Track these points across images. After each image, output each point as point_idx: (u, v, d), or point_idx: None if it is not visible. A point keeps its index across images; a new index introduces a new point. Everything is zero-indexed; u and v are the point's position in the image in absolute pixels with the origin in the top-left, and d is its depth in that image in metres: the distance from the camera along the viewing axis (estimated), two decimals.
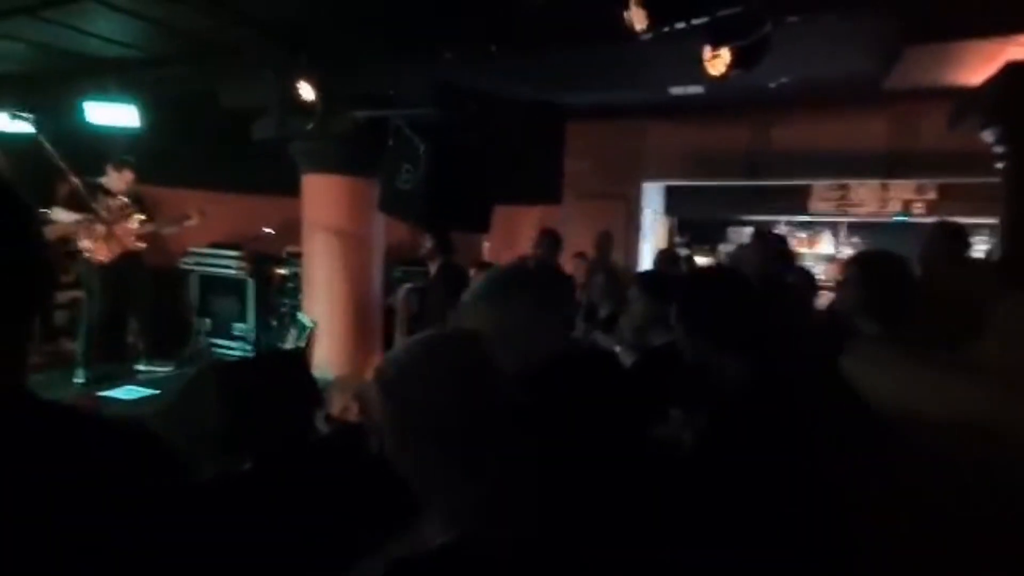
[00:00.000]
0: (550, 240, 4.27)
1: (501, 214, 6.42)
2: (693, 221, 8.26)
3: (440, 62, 3.88)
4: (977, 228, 5.65)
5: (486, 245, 6.64)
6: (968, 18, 2.63)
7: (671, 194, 7.78)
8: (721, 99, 5.45)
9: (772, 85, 4.91)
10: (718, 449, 1.30)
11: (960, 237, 2.98)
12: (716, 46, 2.33)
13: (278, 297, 5.29)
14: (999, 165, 3.30)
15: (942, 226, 3.06)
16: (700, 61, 2.93)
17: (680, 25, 2.09)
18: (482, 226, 4.38)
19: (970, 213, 5.43)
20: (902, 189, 6.85)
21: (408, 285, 5.44)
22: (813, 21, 2.73)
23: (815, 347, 2.12)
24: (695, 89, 5.20)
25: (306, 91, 3.91)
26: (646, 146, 6.78)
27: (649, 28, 2.06)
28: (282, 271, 5.37)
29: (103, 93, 4.43)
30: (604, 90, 5.08)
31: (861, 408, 1.43)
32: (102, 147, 4.65)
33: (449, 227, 4.13)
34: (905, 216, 6.97)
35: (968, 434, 1.00)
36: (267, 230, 5.56)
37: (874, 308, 1.97)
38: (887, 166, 5.90)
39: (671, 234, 8.22)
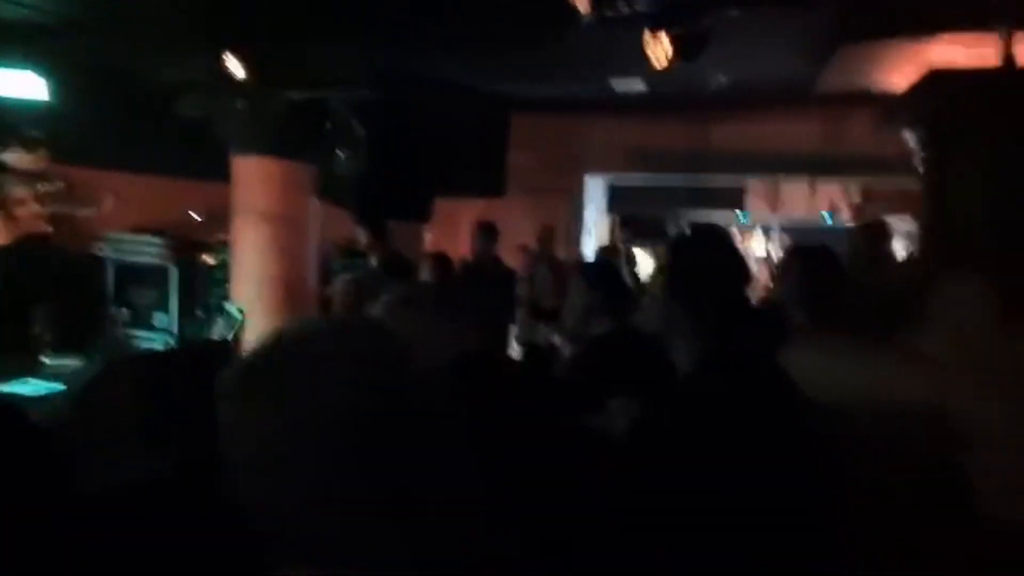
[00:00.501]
0: (486, 232, 4.20)
1: (444, 207, 6.33)
2: (635, 217, 8.39)
3: (381, 44, 3.75)
4: (901, 228, 5.97)
5: (427, 237, 6.51)
6: (896, 17, 2.73)
7: (614, 190, 7.88)
8: (663, 96, 5.53)
9: (712, 85, 5.02)
10: (664, 435, 1.25)
11: (883, 237, 3.12)
12: (655, 30, 2.32)
13: (205, 286, 5.00)
14: (920, 168, 3.48)
15: (866, 227, 3.20)
16: (643, 54, 2.93)
17: (624, 9, 2.06)
18: (422, 216, 4.28)
19: (893, 213, 5.73)
20: (828, 190, 7.19)
21: (346, 275, 5.25)
22: (753, 16, 2.77)
23: (755, 338, 2.13)
24: (638, 86, 5.26)
25: (236, 67, 3.69)
26: (590, 141, 6.82)
27: (592, 11, 2.02)
28: (209, 259, 5.07)
29: (4, 60, 4.05)
30: (547, 80, 5.06)
31: (799, 398, 1.43)
32: (4, 119, 4.25)
33: (388, 216, 4.00)
34: (831, 215, 7.32)
35: (908, 422, 1.01)
36: (194, 215, 5.24)
37: (808, 299, 2.01)
38: (815, 166, 6.16)
39: (613, 229, 8.32)
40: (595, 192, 7.58)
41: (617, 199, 7.96)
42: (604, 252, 4.65)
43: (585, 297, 2.38)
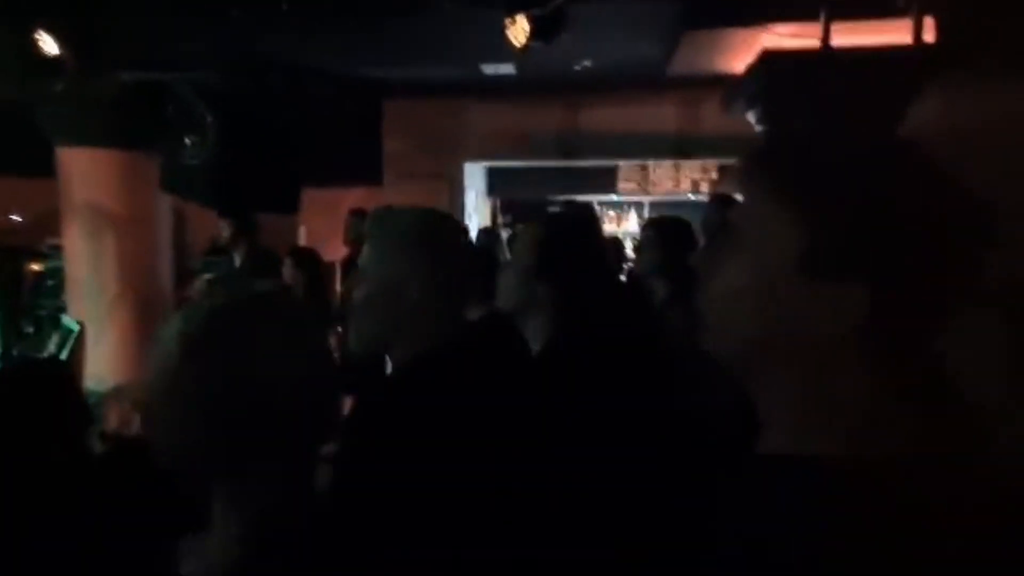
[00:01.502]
0: (360, 221, 4.03)
1: (321, 198, 6.01)
2: (515, 201, 8.49)
3: (227, 22, 3.43)
4: None
5: (303, 230, 6.17)
6: (732, 7, 2.94)
7: (493, 174, 7.91)
8: (533, 80, 5.60)
9: (577, 68, 5.16)
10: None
11: (730, 204, 3.37)
12: (512, 12, 2.32)
13: (33, 298, 4.39)
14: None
15: (717, 197, 3.44)
16: (506, 36, 2.93)
17: None
18: (289, 207, 4.02)
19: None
20: (691, 169, 7.67)
21: (207, 276, 4.84)
22: (604, 1, 2.85)
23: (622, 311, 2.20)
24: (507, 68, 5.28)
25: (48, 44, 3.22)
26: (466, 126, 6.78)
27: None
28: (37, 267, 4.46)
29: None
30: (418, 65, 4.94)
31: (659, 371, 1.47)
32: None
33: (249, 208, 3.71)
34: (694, 195, 7.83)
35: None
36: (14, 217, 4.58)
37: (667, 269, 2.12)
38: (677, 148, 6.55)
39: (494, 214, 8.37)
40: (474, 177, 7.57)
41: (496, 183, 8.02)
42: (485, 234, 4.65)
43: None
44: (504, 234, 6.04)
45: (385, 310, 1.07)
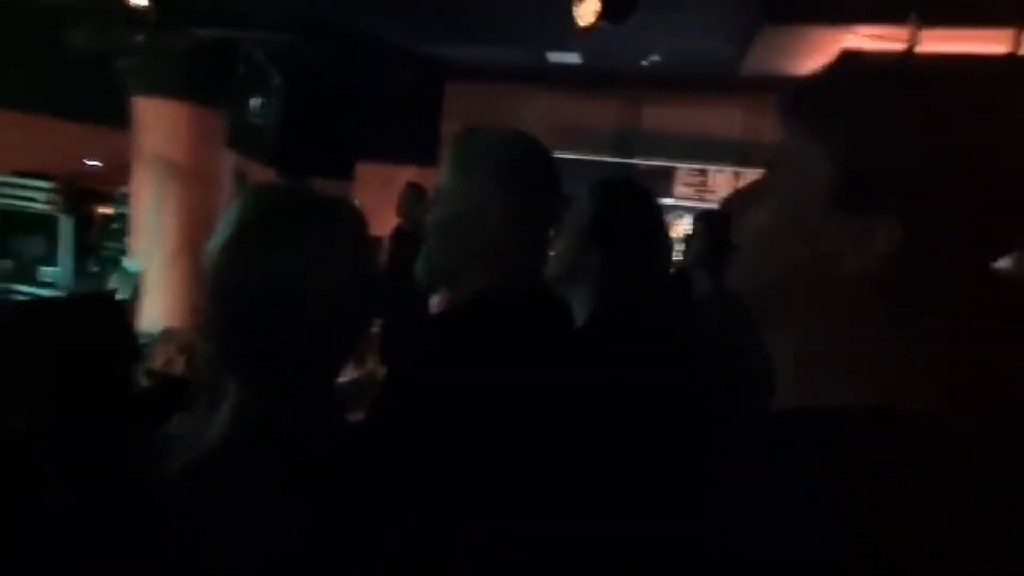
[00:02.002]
0: (414, 195, 4.06)
1: (374, 172, 6.11)
2: (566, 195, 8.41)
3: None
4: None
5: (356, 201, 6.28)
6: (816, 3, 2.81)
7: None
8: (598, 72, 5.52)
9: (644, 63, 5.05)
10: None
11: None
12: None
13: (100, 239, 4.60)
14: None
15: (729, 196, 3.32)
16: (575, 23, 2.87)
17: None
18: (342, 173, 4.08)
19: None
20: (752, 178, 7.44)
21: None
22: None
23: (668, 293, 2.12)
24: (573, 58, 5.23)
25: None
26: (525, 114, 6.75)
27: None
28: (106, 210, 4.67)
29: None
30: (480, 43, 4.93)
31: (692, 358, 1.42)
32: None
33: (304, 172, 3.78)
34: None
35: None
36: (91, 162, 4.81)
37: (710, 261, 2.05)
38: (740, 154, 6.35)
39: None
40: None
41: None
42: None
43: None
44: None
45: (460, 237, 0.98)
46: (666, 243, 1.42)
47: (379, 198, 5.91)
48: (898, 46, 2.85)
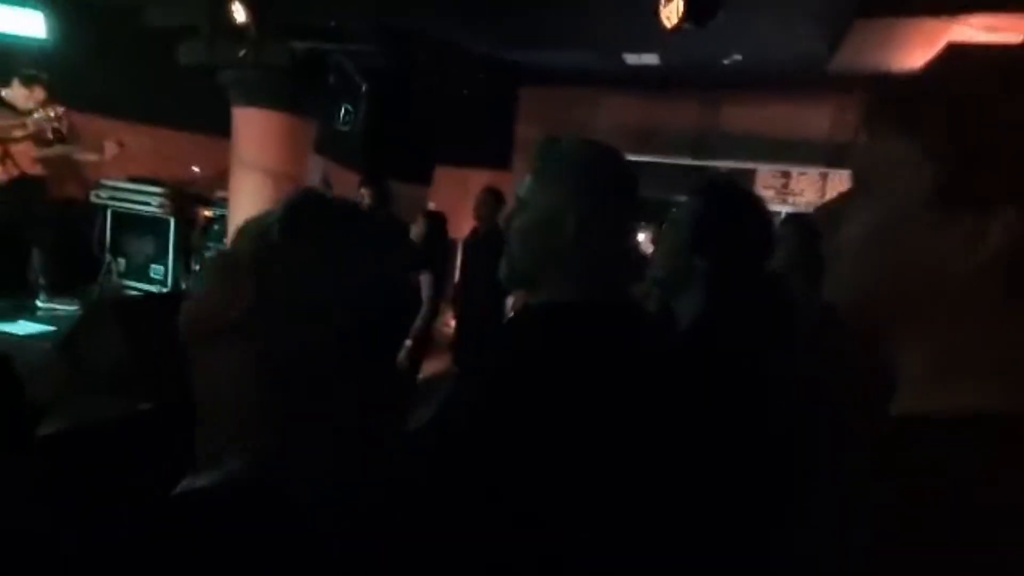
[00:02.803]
0: (492, 199, 4.13)
1: (450, 176, 6.26)
2: (641, 198, 8.28)
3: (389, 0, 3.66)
4: None
5: (431, 205, 6.46)
6: None
7: None
8: (676, 73, 5.41)
9: (725, 61, 4.92)
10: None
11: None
12: None
13: (202, 240, 4.97)
14: None
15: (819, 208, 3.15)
16: (655, 22, 2.85)
17: None
18: (424, 178, 4.21)
19: None
20: (840, 181, 7.07)
21: None
22: None
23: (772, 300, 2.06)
24: (650, 58, 5.16)
25: (240, 13, 3.61)
26: (600, 117, 6.71)
27: None
28: (208, 213, 5.03)
29: None
30: (556, 47, 4.95)
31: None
32: (2, 56, 4.19)
33: (388, 176, 3.93)
34: None
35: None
36: (195, 169, 5.20)
37: (806, 266, 1.96)
38: (828, 155, 6.04)
39: None
40: None
41: None
42: None
43: None
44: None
45: (539, 243, 0.99)
46: (771, 249, 1.37)
47: (454, 201, 6.05)
48: (1012, 37, 2.63)
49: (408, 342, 3.43)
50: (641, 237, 7.23)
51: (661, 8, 2.49)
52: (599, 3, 3.46)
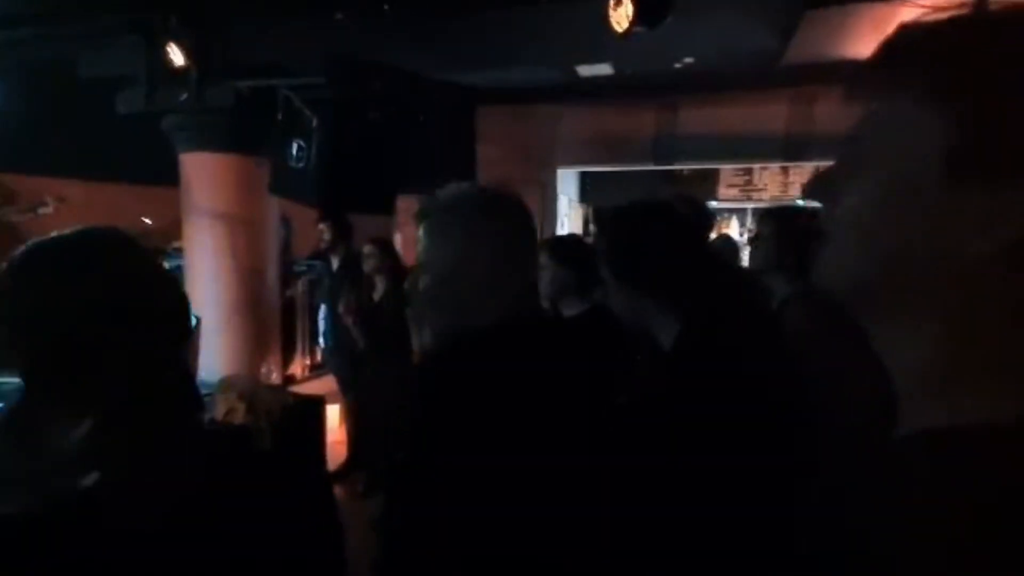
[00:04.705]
0: None
1: (414, 204, 6.17)
2: (608, 208, 8.32)
3: (332, 26, 3.56)
4: None
5: (397, 236, 6.34)
6: None
7: (585, 180, 7.79)
8: (630, 81, 5.42)
9: (677, 65, 4.93)
10: (663, 410, 1.10)
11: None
12: None
13: None
14: None
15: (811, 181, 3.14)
16: (605, 33, 2.81)
17: None
18: (384, 208, 4.09)
19: None
20: (801, 173, 7.16)
21: (310, 277, 5.05)
22: None
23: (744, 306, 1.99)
24: (603, 68, 5.15)
25: (177, 56, 3.47)
26: (560, 131, 6.71)
27: None
28: (164, 265, 4.83)
29: None
30: (510, 65, 4.91)
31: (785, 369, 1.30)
32: None
33: (347, 209, 3.80)
34: (803, 201, 7.30)
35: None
36: (146, 221, 5.00)
37: (784, 262, 1.90)
38: (786, 150, 6.11)
39: (586, 221, 8.24)
40: (567, 183, 7.48)
41: (589, 189, 7.88)
42: (573, 235, 4.53)
43: (553, 274, 2.24)
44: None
45: (451, 297, 1.01)
46: (726, 261, 1.29)
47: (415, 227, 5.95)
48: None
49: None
50: None
51: (611, 13, 2.44)
52: (548, 18, 3.41)
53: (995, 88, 0.40)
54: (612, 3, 2.38)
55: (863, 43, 3.37)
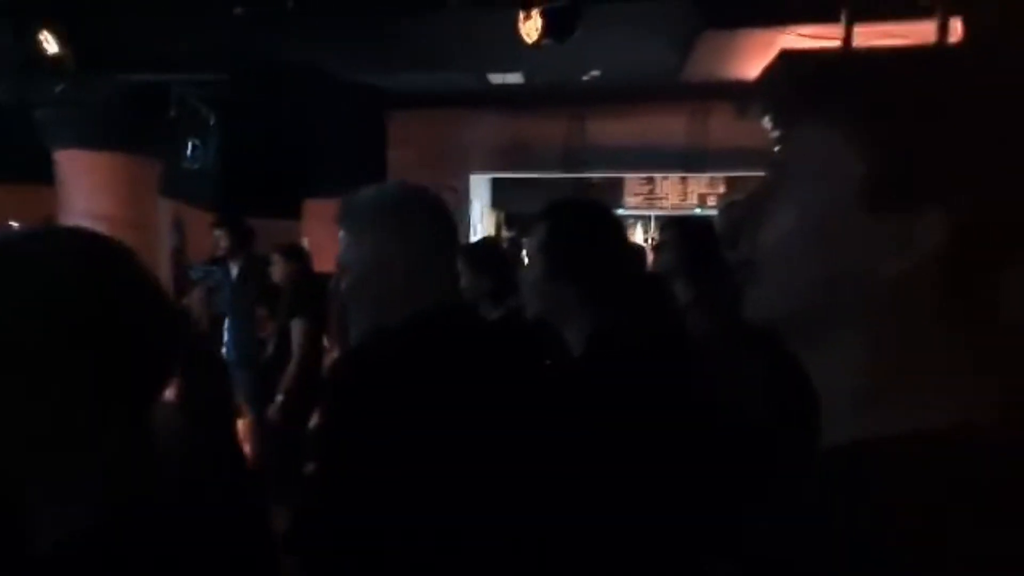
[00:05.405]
0: None
1: (323, 208, 5.94)
2: (520, 214, 8.42)
3: (232, 22, 3.37)
4: None
5: (305, 240, 6.09)
6: (751, 7, 2.87)
7: (498, 186, 7.85)
8: (541, 91, 5.54)
9: (585, 78, 5.10)
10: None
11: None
12: (528, 8, 2.24)
13: None
14: (777, 150, 3.70)
15: (732, 204, 3.35)
16: (516, 42, 2.86)
17: None
18: (290, 212, 3.92)
19: None
20: (699, 183, 7.60)
21: (208, 284, 4.75)
22: (619, 2, 2.78)
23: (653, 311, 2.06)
24: (514, 77, 5.23)
25: (50, 43, 3.16)
26: (471, 137, 6.72)
27: None
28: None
29: None
30: (421, 70, 4.88)
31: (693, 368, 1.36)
32: None
33: (249, 214, 3.60)
34: (701, 209, 7.76)
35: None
36: (13, 224, 4.50)
37: (689, 270, 2.01)
38: (686, 160, 6.47)
39: (499, 227, 8.30)
40: (479, 189, 7.51)
41: (501, 195, 7.95)
42: (489, 239, 4.51)
43: (468, 281, 2.24)
44: (510, 245, 5.94)
45: (371, 296, 1.03)
46: (633, 254, 1.35)
47: (328, 234, 5.74)
48: (832, 43, 2.93)
49: (279, 396, 3.14)
50: (524, 253, 7.35)
51: (520, 25, 2.48)
52: (459, 26, 3.42)
53: (900, 118, 0.43)
54: (522, 16, 2.42)
55: (752, 63, 3.65)
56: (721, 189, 7.68)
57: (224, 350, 3.97)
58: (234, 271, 3.66)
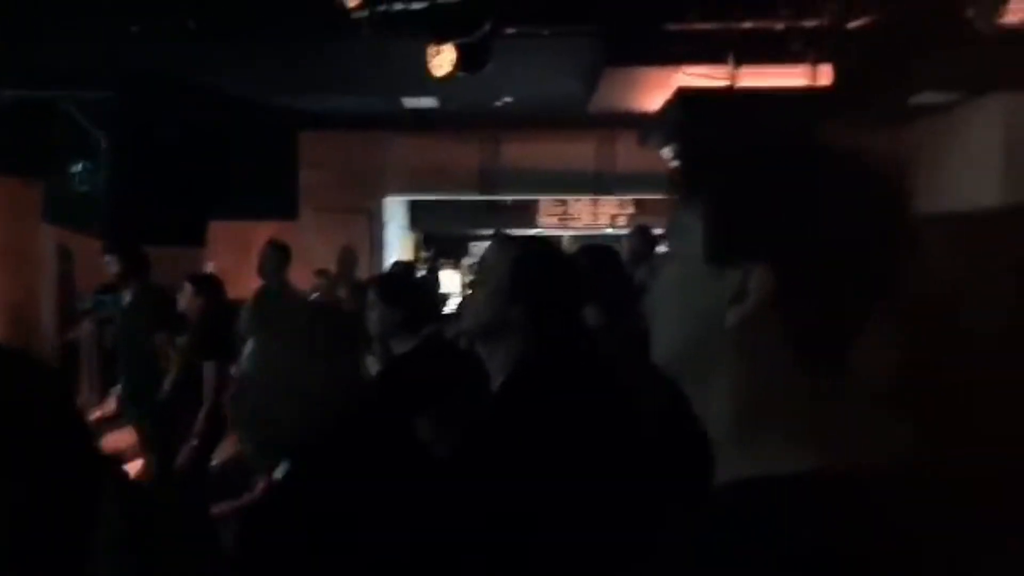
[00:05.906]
0: (277, 253, 3.79)
1: (230, 231, 5.67)
2: (437, 235, 8.41)
3: (128, 39, 3.19)
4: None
5: (210, 265, 5.78)
6: (649, 48, 3.09)
7: (414, 208, 7.82)
8: (455, 115, 5.61)
9: (498, 103, 5.23)
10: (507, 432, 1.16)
11: (649, 238, 3.48)
12: (439, 42, 2.29)
13: None
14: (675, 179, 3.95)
15: (638, 229, 3.55)
16: (428, 69, 2.90)
17: (398, 6, 1.97)
18: (192, 239, 3.72)
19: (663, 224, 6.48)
20: (609, 205, 7.92)
21: (100, 316, 4.40)
22: (529, 35, 2.89)
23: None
24: (428, 102, 5.27)
25: None
26: (386, 160, 6.68)
27: (361, 6, 1.90)
28: None
29: None
30: (331, 93, 4.82)
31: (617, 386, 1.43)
32: None
33: (146, 240, 3.38)
34: (612, 229, 8.09)
35: None
36: None
37: (597, 296, 2.09)
38: (595, 184, 6.75)
39: (417, 249, 8.25)
40: (395, 211, 7.45)
41: (418, 217, 7.93)
42: (401, 266, 4.44)
43: (382, 313, 2.22)
44: (428, 267, 5.92)
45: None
46: (579, 292, 1.43)
47: (236, 259, 5.47)
48: (722, 82, 3.20)
49: (193, 441, 2.95)
50: (442, 274, 7.34)
51: (430, 60, 2.53)
52: (369, 50, 3.42)
53: (733, 175, 0.49)
54: (432, 51, 2.47)
55: (651, 98, 3.90)
56: (630, 210, 8.05)
57: (118, 386, 3.69)
58: (126, 299, 3.40)
